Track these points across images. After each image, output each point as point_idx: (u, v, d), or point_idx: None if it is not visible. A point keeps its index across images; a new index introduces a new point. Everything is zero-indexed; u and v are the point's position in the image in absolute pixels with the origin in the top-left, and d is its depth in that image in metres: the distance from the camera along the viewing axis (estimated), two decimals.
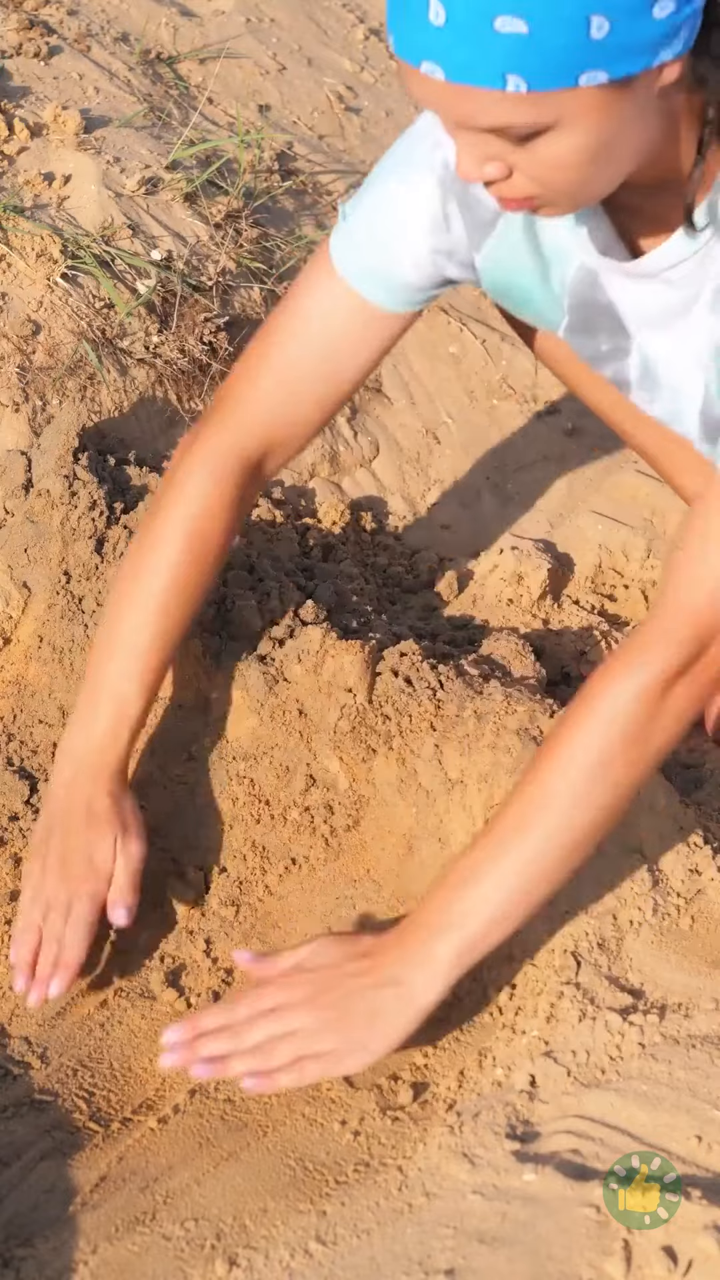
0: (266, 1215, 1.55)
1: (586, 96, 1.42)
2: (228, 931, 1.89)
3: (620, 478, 2.74)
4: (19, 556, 2.14)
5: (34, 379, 2.35)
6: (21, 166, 2.55)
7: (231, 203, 2.69)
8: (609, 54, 1.40)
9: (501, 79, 1.40)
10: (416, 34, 1.41)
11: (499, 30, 1.37)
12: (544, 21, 1.37)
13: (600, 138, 1.46)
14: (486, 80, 1.40)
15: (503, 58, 1.39)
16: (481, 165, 1.49)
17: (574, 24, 1.37)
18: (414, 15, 1.41)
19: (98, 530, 2.12)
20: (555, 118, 1.43)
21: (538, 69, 1.39)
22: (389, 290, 1.82)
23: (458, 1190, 1.48)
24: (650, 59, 1.42)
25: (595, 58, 1.39)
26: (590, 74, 1.40)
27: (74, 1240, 1.55)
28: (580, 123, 1.44)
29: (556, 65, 1.39)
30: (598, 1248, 1.36)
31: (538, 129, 1.44)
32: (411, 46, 1.43)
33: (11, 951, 1.82)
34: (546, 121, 1.43)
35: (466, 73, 1.41)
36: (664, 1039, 1.64)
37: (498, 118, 1.43)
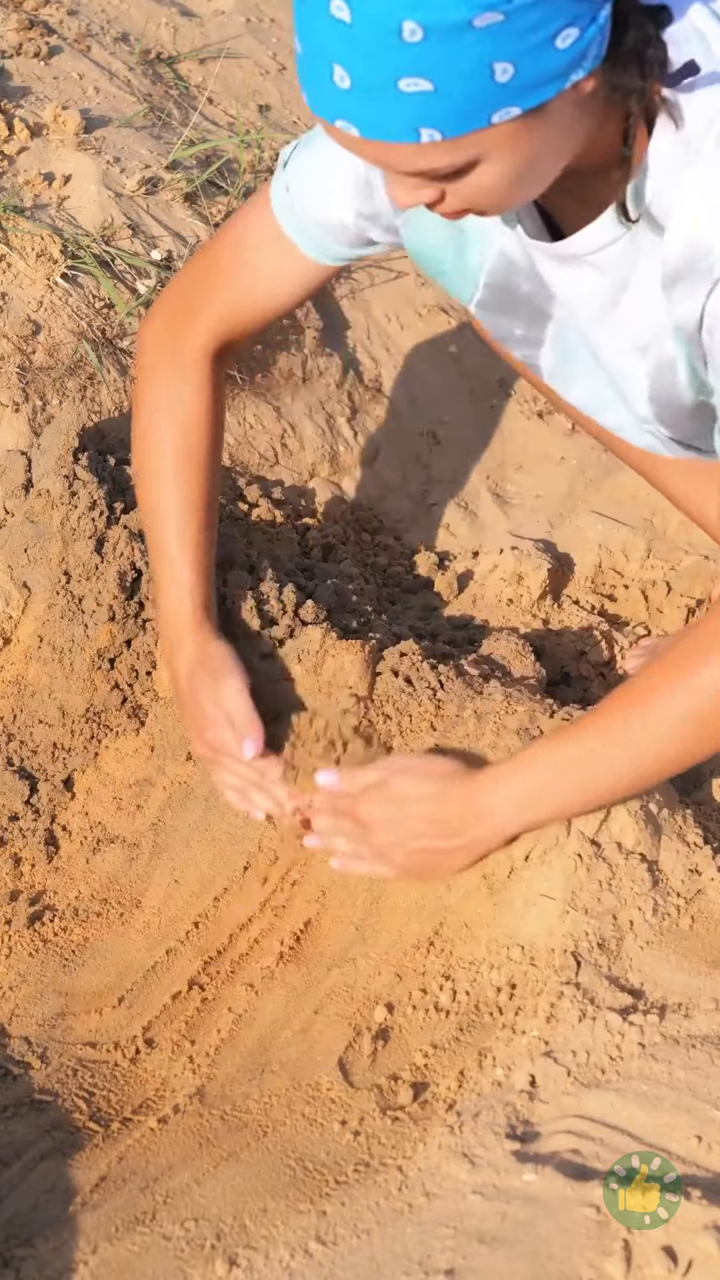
0: (266, 1215, 1.55)
1: (503, 130, 1.45)
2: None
3: (620, 478, 2.74)
4: (19, 556, 2.14)
5: (34, 379, 2.35)
6: (21, 166, 2.55)
7: (231, 203, 2.69)
8: (518, 92, 1.42)
9: (415, 133, 1.42)
10: (326, 95, 1.44)
11: (405, 91, 1.39)
12: (447, 78, 1.38)
13: (524, 160, 1.49)
14: (399, 136, 1.43)
15: (412, 115, 1.41)
16: (413, 194, 1.53)
17: (477, 74, 1.39)
18: (320, 78, 1.43)
19: (98, 530, 2.12)
20: (476, 154, 1.46)
21: (448, 119, 1.41)
22: (314, 243, 1.89)
23: (458, 1190, 1.48)
24: (561, 84, 1.44)
25: (505, 98, 1.42)
26: (503, 112, 1.43)
27: (74, 1240, 1.55)
28: (502, 153, 1.47)
29: (467, 112, 1.41)
30: (598, 1248, 1.36)
31: (461, 167, 1.47)
32: (323, 106, 1.45)
33: (251, 812, 1.93)
34: (467, 160, 1.47)
35: (379, 130, 1.43)
36: (664, 1039, 1.64)
37: (418, 165, 1.47)
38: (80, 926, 1.94)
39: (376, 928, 1.87)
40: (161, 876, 1.98)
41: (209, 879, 1.96)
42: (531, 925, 1.78)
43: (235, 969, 1.87)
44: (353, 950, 1.86)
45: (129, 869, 1.99)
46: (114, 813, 2.04)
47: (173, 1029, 1.81)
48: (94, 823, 2.04)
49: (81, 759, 2.07)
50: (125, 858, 1.99)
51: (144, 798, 2.04)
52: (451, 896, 1.84)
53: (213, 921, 1.93)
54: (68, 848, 2.03)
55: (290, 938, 1.89)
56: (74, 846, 2.03)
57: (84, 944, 1.92)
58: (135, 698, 2.08)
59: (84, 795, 2.06)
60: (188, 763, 2.03)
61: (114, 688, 2.08)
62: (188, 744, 2.02)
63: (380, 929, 1.87)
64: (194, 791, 2.01)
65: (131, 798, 2.04)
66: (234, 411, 2.60)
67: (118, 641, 2.08)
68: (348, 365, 2.78)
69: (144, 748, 2.07)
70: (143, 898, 1.96)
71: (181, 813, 2.01)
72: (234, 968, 1.87)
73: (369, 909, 1.88)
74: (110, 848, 2.01)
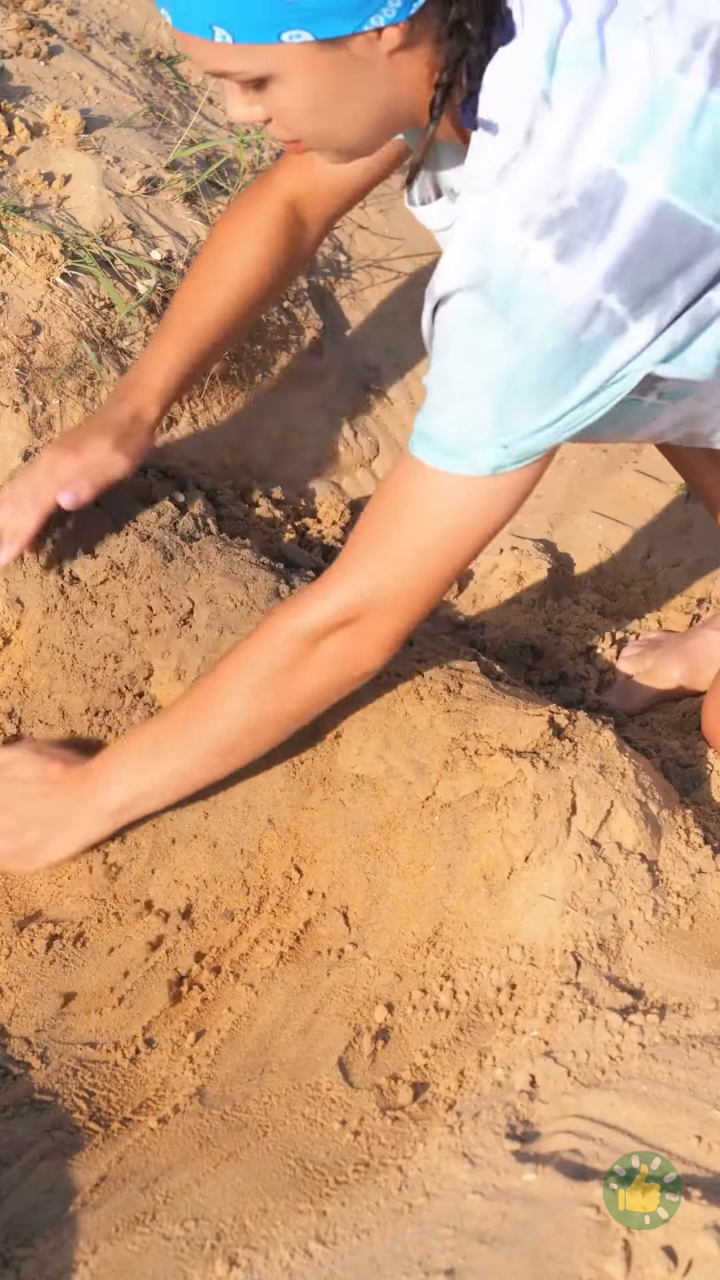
0: (266, 1215, 1.55)
1: (295, 52, 1.52)
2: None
3: (620, 478, 2.74)
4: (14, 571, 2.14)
5: (34, 379, 2.35)
6: (21, 166, 2.55)
7: None
8: (310, 15, 1.50)
9: (209, 29, 1.51)
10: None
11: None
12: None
13: (318, 90, 1.56)
14: (198, 30, 1.52)
15: (208, 10, 1.50)
16: (245, 110, 1.60)
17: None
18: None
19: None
20: (269, 70, 1.54)
21: (239, 24, 1.50)
22: None
23: (458, 1190, 1.48)
24: (358, 23, 1.51)
25: (295, 18, 1.50)
26: (293, 33, 1.51)
27: (74, 1240, 1.55)
28: (294, 75, 1.54)
29: (257, 22, 1.50)
30: (598, 1248, 1.36)
31: (257, 78, 1.55)
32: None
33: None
34: (262, 72, 1.54)
35: (183, 21, 1.53)
36: (664, 1039, 1.64)
37: (216, 64, 1.55)
38: (80, 926, 1.94)
39: (376, 928, 1.87)
40: (162, 876, 1.98)
41: (209, 879, 1.96)
42: (531, 925, 1.78)
43: (235, 969, 1.87)
44: (353, 950, 1.86)
45: (129, 869, 1.99)
46: None
47: (173, 1029, 1.81)
48: None
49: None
50: (125, 858, 1.99)
51: None
52: (451, 897, 1.84)
53: (213, 921, 1.93)
54: None
55: (290, 938, 1.89)
56: None
57: (84, 944, 1.92)
58: (135, 697, 2.09)
59: None
60: None
61: (114, 692, 2.08)
62: None
63: (380, 929, 1.87)
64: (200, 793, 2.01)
65: None
66: (234, 411, 2.60)
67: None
68: (348, 365, 2.78)
69: None
70: (143, 897, 1.96)
71: (181, 813, 2.01)
72: (234, 968, 1.87)
73: (369, 909, 1.89)
74: (109, 848, 2.01)
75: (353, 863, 1.91)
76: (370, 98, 1.59)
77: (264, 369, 2.66)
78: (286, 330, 2.70)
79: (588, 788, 1.82)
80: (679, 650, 2.35)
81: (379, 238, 2.99)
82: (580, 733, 1.89)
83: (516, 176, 1.55)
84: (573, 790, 1.82)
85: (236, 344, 2.21)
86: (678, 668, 2.34)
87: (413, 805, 1.89)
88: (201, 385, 2.55)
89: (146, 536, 2.15)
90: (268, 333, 2.67)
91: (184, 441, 2.52)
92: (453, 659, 2.06)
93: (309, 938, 1.89)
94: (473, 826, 1.84)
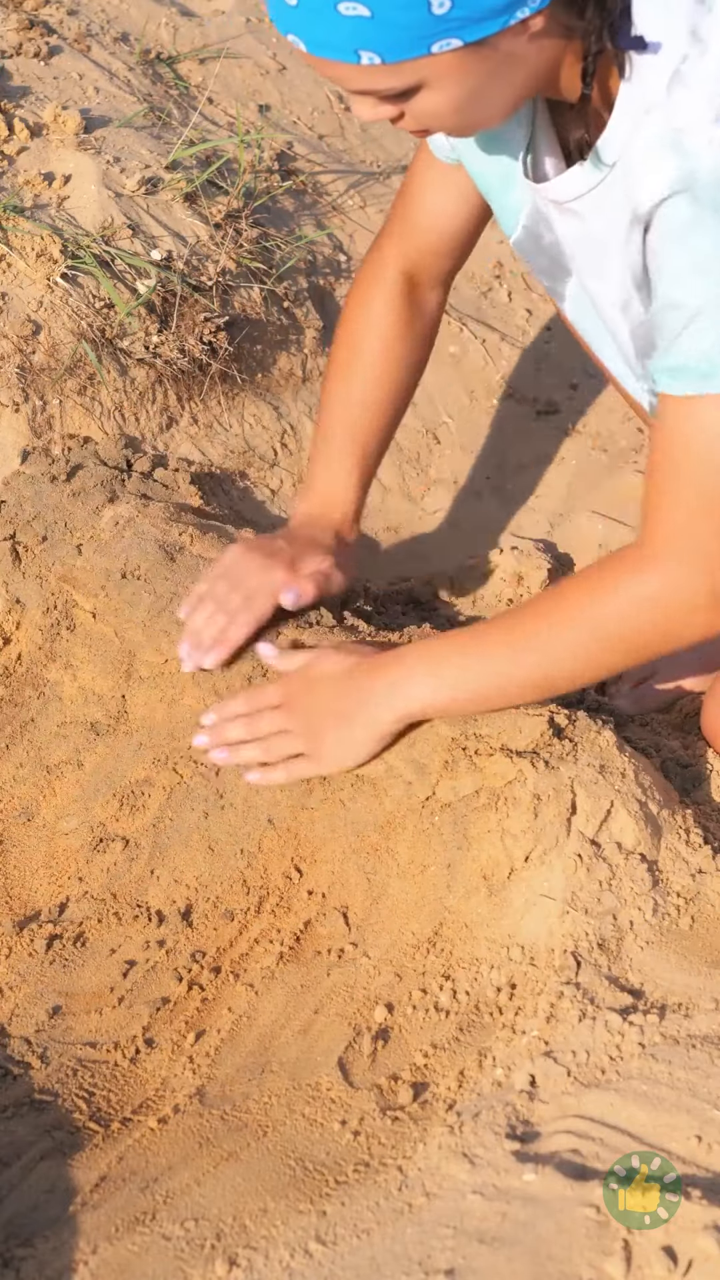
0: (266, 1215, 1.55)
1: (445, 60, 1.49)
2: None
3: (620, 478, 2.74)
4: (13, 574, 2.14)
5: (34, 379, 2.35)
6: (21, 166, 2.55)
7: (231, 203, 2.69)
8: (458, 24, 1.46)
9: (355, 54, 1.48)
10: (279, 8, 1.50)
11: (343, 14, 1.45)
12: (384, 6, 1.44)
13: (469, 89, 1.53)
14: (341, 55, 1.48)
15: (352, 36, 1.46)
16: (374, 110, 1.57)
17: (414, 5, 1.44)
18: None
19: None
20: (418, 80, 1.51)
21: (387, 45, 1.46)
22: (451, 152, 1.99)
23: (458, 1190, 1.48)
24: (505, 19, 1.48)
25: (445, 28, 1.46)
26: (443, 42, 1.47)
27: (74, 1240, 1.55)
28: (443, 81, 1.51)
29: (405, 40, 1.46)
30: (598, 1248, 1.36)
31: (405, 90, 1.52)
32: (278, 18, 1.51)
33: (183, 610, 2.01)
34: (410, 84, 1.51)
35: (322, 48, 1.49)
36: (664, 1039, 1.64)
37: (361, 84, 1.52)
38: (80, 926, 1.94)
39: (376, 928, 1.87)
40: (162, 876, 1.98)
41: (209, 879, 1.96)
42: (531, 925, 1.78)
43: (235, 969, 1.87)
44: (353, 950, 1.86)
45: (129, 869, 1.99)
46: (114, 812, 2.04)
47: (173, 1029, 1.81)
48: (94, 822, 2.03)
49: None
50: (125, 858, 1.99)
51: (144, 798, 2.04)
52: (451, 897, 1.84)
53: (212, 921, 1.93)
54: (68, 847, 2.03)
55: (290, 938, 1.89)
56: (74, 846, 2.03)
57: (84, 944, 1.92)
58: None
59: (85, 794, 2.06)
60: (189, 763, 2.03)
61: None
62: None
63: (380, 929, 1.87)
64: (194, 791, 2.01)
65: (132, 798, 2.04)
66: (234, 411, 2.60)
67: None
68: None
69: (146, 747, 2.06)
70: (143, 897, 1.96)
71: (181, 813, 2.01)
72: (234, 968, 1.87)
73: (369, 909, 1.89)
74: (110, 847, 2.01)
75: (353, 863, 1.91)
76: (514, 82, 1.57)
77: (264, 369, 2.66)
78: (286, 330, 2.70)
79: (588, 788, 1.82)
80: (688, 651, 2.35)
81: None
82: (580, 733, 1.89)
83: (693, 76, 1.53)
84: (573, 790, 1.82)
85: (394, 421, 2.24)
86: (689, 669, 2.34)
87: (413, 805, 1.89)
88: (203, 386, 2.55)
89: None
90: (268, 332, 2.67)
91: (185, 441, 2.52)
92: None
93: (309, 938, 1.89)
94: (473, 826, 1.84)
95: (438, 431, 2.82)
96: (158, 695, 2.08)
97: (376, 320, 2.13)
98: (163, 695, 2.07)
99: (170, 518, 2.21)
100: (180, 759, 2.04)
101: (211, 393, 2.57)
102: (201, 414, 2.56)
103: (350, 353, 2.14)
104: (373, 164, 3.15)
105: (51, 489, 2.24)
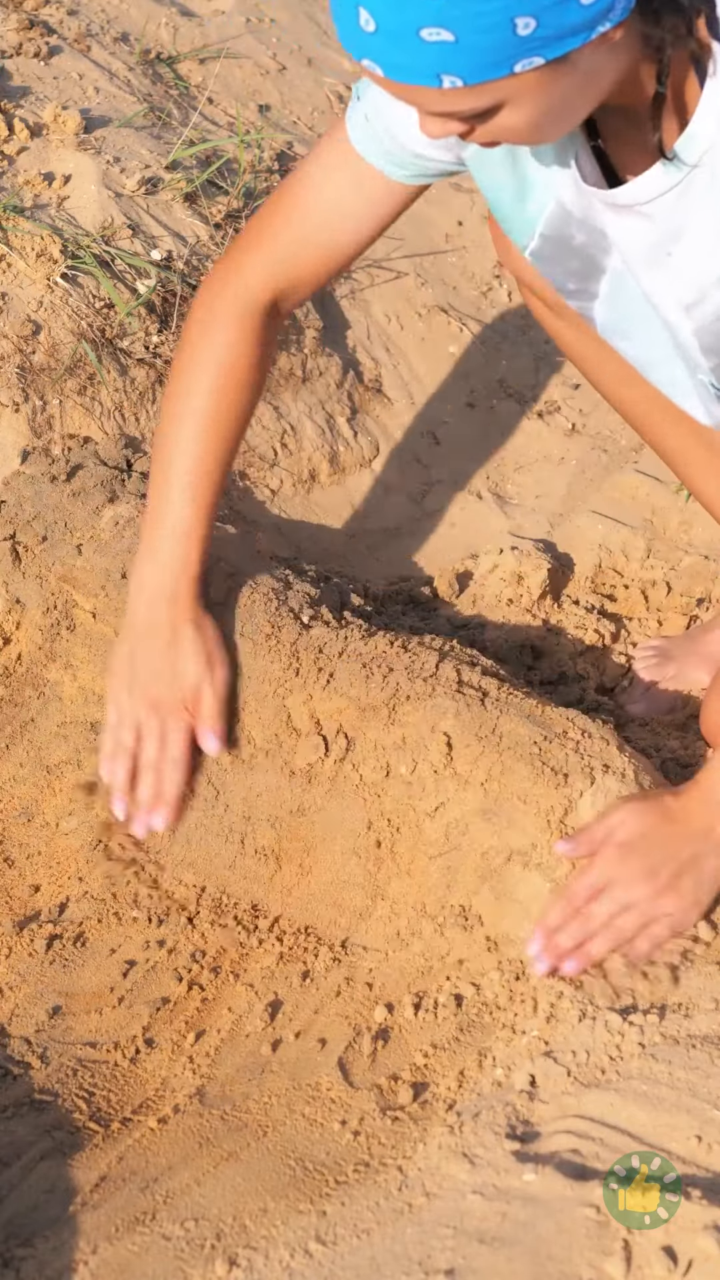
0: (266, 1215, 1.55)
1: (527, 78, 1.47)
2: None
3: (620, 478, 2.74)
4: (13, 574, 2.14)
5: (34, 379, 2.35)
6: (21, 166, 2.55)
7: (231, 203, 2.69)
8: (541, 44, 1.44)
9: (436, 79, 1.45)
10: (353, 36, 1.47)
11: (426, 40, 1.42)
12: (468, 30, 1.41)
13: (549, 105, 1.51)
14: (422, 80, 1.46)
15: (434, 61, 1.43)
16: (443, 127, 1.55)
17: (499, 27, 1.41)
18: (348, 19, 1.46)
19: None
20: (499, 100, 1.49)
21: (469, 67, 1.44)
22: (398, 163, 1.86)
23: (458, 1190, 1.48)
24: (586, 35, 1.46)
25: (527, 49, 1.44)
26: (525, 62, 1.45)
27: (74, 1240, 1.55)
28: (526, 99, 1.49)
29: (488, 62, 1.44)
30: (598, 1248, 1.36)
31: (484, 111, 1.50)
32: (352, 44, 1.49)
33: (104, 770, 1.94)
34: (491, 104, 1.49)
35: (402, 73, 1.46)
36: (664, 1039, 1.64)
37: (441, 107, 1.50)
38: (80, 926, 1.94)
39: (376, 927, 1.87)
40: (162, 876, 1.98)
41: (209, 878, 1.96)
42: (532, 924, 1.78)
43: (235, 969, 1.87)
44: (353, 950, 1.86)
45: (129, 869, 1.98)
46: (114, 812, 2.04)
47: (173, 1029, 1.81)
48: (95, 822, 2.03)
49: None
50: (125, 858, 1.99)
51: None
52: (452, 896, 1.84)
53: (213, 921, 1.93)
54: (68, 847, 2.03)
55: (290, 938, 1.89)
56: (74, 845, 2.03)
57: (84, 944, 1.92)
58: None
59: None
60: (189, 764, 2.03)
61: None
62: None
63: (380, 929, 1.87)
64: (194, 791, 2.01)
65: None
66: None
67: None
68: (348, 365, 2.78)
69: None
70: (143, 897, 1.96)
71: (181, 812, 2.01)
72: (234, 968, 1.87)
73: (369, 909, 1.89)
74: (111, 848, 2.01)
75: (353, 862, 1.91)
76: (589, 95, 1.56)
77: None
78: (286, 330, 2.70)
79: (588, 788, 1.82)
80: (699, 653, 2.35)
81: (379, 238, 2.99)
82: (580, 733, 1.89)
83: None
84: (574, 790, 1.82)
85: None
86: (702, 670, 2.33)
87: (413, 805, 1.89)
88: None
89: None
90: None
91: None
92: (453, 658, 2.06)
93: (309, 937, 1.89)
94: (473, 826, 1.84)
95: (438, 431, 2.82)
96: None
97: (229, 362, 1.95)
98: None
99: None
100: None
101: None
102: None
103: (192, 398, 1.95)
104: None
105: (51, 489, 2.24)
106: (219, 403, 1.95)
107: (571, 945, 1.72)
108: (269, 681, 1.99)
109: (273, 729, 1.97)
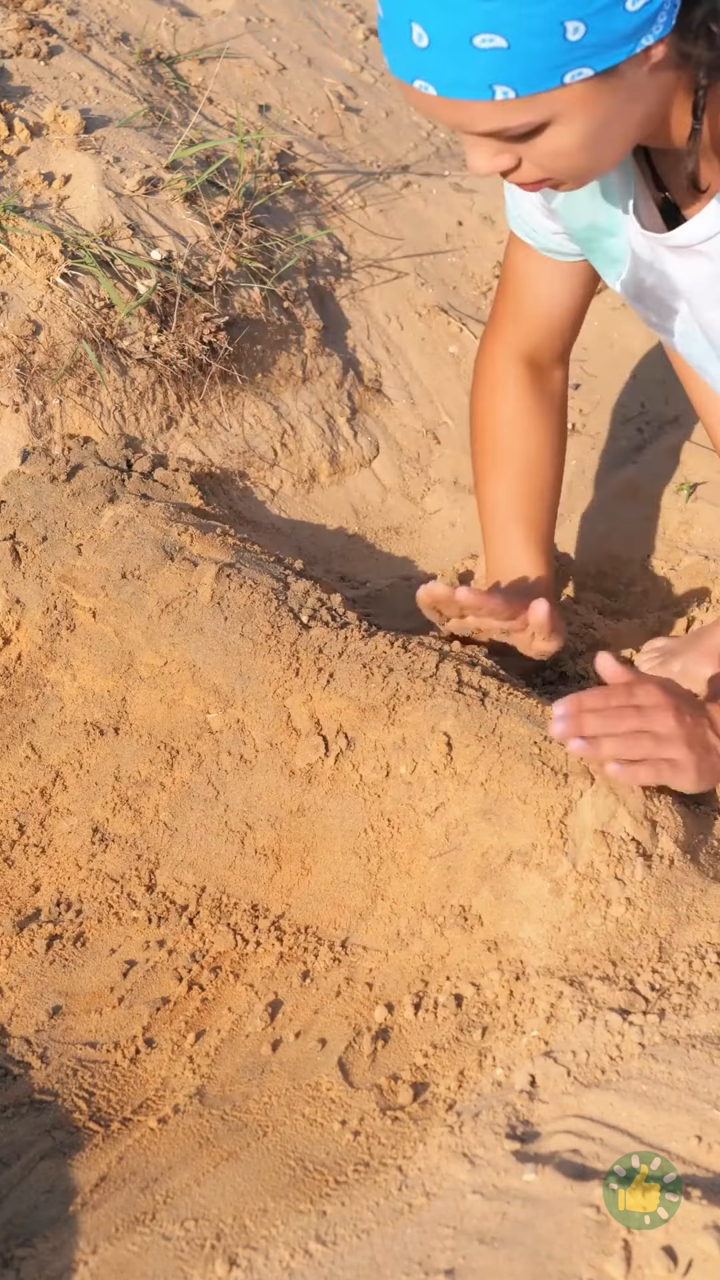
0: (266, 1215, 1.55)
1: (576, 91, 1.49)
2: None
3: (620, 477, 2.74)
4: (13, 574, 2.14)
5: (34, 379, 2.35)
6: (21, 166, 2.55)
7: (231, 203, 2.69)
8: (590, 51, 1.46)
9: (489, 90, 1.47)
10: (405, 55, 1.49)
11: (479, 47, 1.44)
12: (520, 34, 1.43)
13: (597, 123, 1.54)
14: (475, 93, 1.48)
15: (487, 71, 1.46)
16: (491, 160, 1.57)
17: (550, 32, 1.43)
18: (400, 38, 1.49)
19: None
20: (549, 115, 1.51)
21: (522, 76, 1.46)
22: (551, 248, 2.08)
23: (458, 1190, 1.48)
24: (633, 46, 1.48)
25: (577, 57, 1.46)
26: (575, 71, 1.47)
27: (74, 1240, 1.55)
28: (575, 114, 1.52)
29: (540, 70, 1.46)
30: (598, 1248, 1.36)
31: (534, 127, 1.52)
32: (403, 67, 1.51)
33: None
34: (541, 119, 1.51)
35: (455, 88, 1.48)
36: (664, 1039, 1.64)
37: (493, 123, 1.52)
38: (80, 926, 1.94)
39: (376, 927, 1.87)
40: (162, 876, 1.98)
41: (209, 878, 1.96)
42: (532, 924, 1.78)
43: (235, 969, 1.87)
44: (353, 950, 1.86)
45: (129, 869, 1.99)
46: (114, 812, 2.04)
47: (173, 1029, 1.81)
48: (95, 822, 2.04)
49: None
50: (125, 858, 1.99)
51: (144, 798, 2.04)
52: (452, 896, 1.84)
53: (213, 921, 1.93)
54: (68, 847, 2.03)
55: (290, 937, 1.89)
56: (75, 845, 2.03)
57: (84, 944, 1.92)
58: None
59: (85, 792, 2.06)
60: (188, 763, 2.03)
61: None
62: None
63: (380, 928, 1.87)
64: (194, 791, 2.01)
65: (132, 798, 2.04)
66: (234, 411, 2.60)
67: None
68: (348, 365, 2.78)
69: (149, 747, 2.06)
70: (142, 897, 1.96)
71: (181, 813, 2.01)
72: (234, 968, 1.87)
73: (369, 909, 1.89)
74: (111, 847, 2.01)
75: (353, 863, 1.91)
76: (635, 118, 1.59)
77: (264, 369, 2.66)
78: (286, 330, 2.70)
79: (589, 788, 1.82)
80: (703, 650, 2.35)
81: (379, 238, 2.99)
82: None
83: None
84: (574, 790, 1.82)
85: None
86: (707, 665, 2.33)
87: (413, 805, 1.89)
88: (203, 386, 2.55)
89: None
90: (268, 333, 2.67)
91: (185, 441, 2.52)
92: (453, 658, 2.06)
93: (309, 937, 1.89)
94: (473, 826, 1.84)
95: (438, 431, 2.82)
96: (158, 695, 2.08)
97: (510, 416, 2.21)
98: (163, 695, 2.07)
99: (170, 518, 2.21)
100: (180, 759, 2.04)
101: (211, 393, 2.57)
102: (201, 414, 2.56)
103: (495, 457, 2.21)
104: (373, 164, 3.15)
105: (51, 489, 2.24)
106: (508, 455, 2.24)
107: (591, 733, 1.75)
108: (269, 681, 1.99)
109: (273, 729, 1.98)
